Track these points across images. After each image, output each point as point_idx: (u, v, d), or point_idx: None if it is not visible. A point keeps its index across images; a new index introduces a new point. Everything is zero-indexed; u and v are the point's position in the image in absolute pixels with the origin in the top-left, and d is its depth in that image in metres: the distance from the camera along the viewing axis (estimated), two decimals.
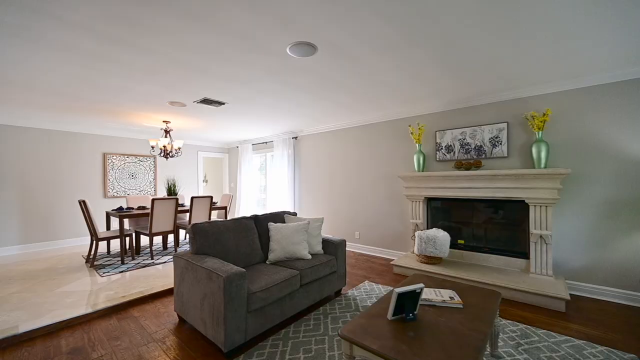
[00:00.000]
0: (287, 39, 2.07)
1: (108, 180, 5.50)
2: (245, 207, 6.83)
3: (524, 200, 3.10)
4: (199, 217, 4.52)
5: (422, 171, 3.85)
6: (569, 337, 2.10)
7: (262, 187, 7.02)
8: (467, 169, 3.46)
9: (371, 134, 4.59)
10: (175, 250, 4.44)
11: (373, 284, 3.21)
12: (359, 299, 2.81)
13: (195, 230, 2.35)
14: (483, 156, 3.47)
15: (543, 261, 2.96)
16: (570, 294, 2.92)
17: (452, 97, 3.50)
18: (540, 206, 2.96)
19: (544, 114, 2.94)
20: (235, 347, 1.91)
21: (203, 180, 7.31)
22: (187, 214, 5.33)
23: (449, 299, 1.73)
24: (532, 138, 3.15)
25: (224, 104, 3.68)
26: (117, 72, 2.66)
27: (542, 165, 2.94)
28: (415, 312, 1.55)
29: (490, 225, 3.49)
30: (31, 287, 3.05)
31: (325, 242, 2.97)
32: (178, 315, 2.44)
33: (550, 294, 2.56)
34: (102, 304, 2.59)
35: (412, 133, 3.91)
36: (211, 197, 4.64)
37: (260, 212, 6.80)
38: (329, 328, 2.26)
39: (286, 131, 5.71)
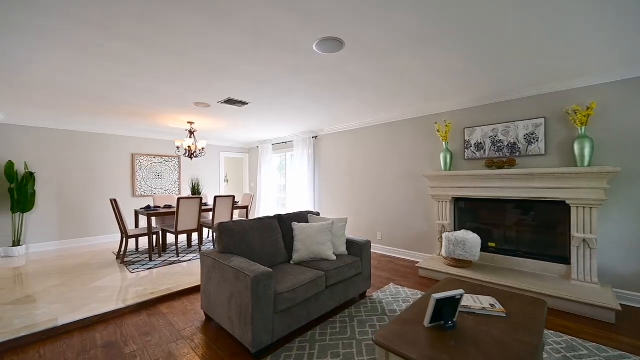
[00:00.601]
0: (314, 35, 2.02)
1: (136, 180, 5.72)
2: (265, 207, 6.88)
3: (564, 202, 2.88)
4: (222, 216, 4.59)
5: (450, 170, 3.69)
6: (623, 352, 1.90)
7: (282, 187, 7.05)
8: (500, 167, 3.27)
9: (394, 132, 4.46)
10: (199, 248, 4.53)
11: (399, 287, 3.10)
12: (385, 302, 2.72)
13: (222, 230, 2.36)
14: (517, 154, 3.26)
15: (586, 267, 2.73)
16: (620, 304, 2.67)
17: (482, 92, 3.32)
18: (584, 207, 2.73)
19: (588, 108, 2.70)
20: (262, 347, 1.88)
21: (224, 180, 7.45)
22: (210, 213, 5.43)
23: (490, 307, 1.61)
24: (574, 134, 2.91)
25: (247, 103, 3.71)
26: (143, 74, 2.73)
27: (586, 164, 2.71)
28: (454, 320, 1.45)
29: (524, 227, 3.27)
30: (68, 281, 3.20)
31: (350, 243, 2.91)
32: (205, 313, 2.47)
33: (598, 304, 2.35)
34: (133, 300, 2.67)
35: (438, 131, 3.76)
36: (233, 197, 4.70)
37: (279, 212, 6.83)
38: (356, 332, 2.19)
39: (306, 131, 5.69)
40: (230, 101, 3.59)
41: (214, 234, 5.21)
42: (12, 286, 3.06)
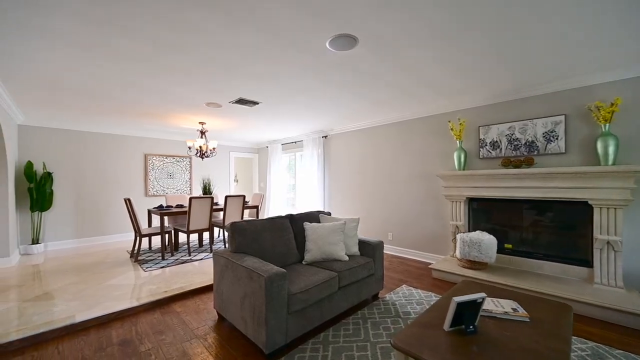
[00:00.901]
0: (328, 32, 1.99)
1: (149, 180, 5.81)
2: (274, 207, 6.89)
3: (586, 202, 2.77)
4: (233, 215, 4.61)
5: (464, 169, 3.60)
6: None
7: (291, 187, 7.05)
8: (517, 166, 3.17)
9: (406, 131, 4.39)
10: (211, 248, 4.56)
11: (412, 288, 3.05)
12: (399, 304, 2.67)
13: (234, 229, 2.36)
14: (535, 153, 3.16)
15: (610, 270, 2.62)
16: None
17: (499, 89, 3.22)
18: (608, 208, 2.62)
19: (612, 104, 2.59)
20: (276, 348, 1.87)
21: (234, 180, 7.50)
22: (221, 213, 5.47)
23: (512, 311, 1.55)
24: (597, 131, 2.79)
25: (258, 103, 3.71)
26: (155, 74, 2.75)
27: (610, 162, 2.59)
28: (475, 324, 1.40)
29: (542, 228, 3.16)
30: (84, 279, 3.27)
31: (362, 243, 2.87)
32: (217, 313, 2.47)
33: (625, 309, 2.24)
34: (146, 298, 2.69)
35: (451, 129, 3.67)
36: (244, 197, 4.71)
37: (289, 212, 6.83)
38: (370, 334, 2.15)
39: (316, 130, 5.67)
40: (241, 101, 3.60)
41: (227, 233, 5.25)
42: (31, 283, 3.14)
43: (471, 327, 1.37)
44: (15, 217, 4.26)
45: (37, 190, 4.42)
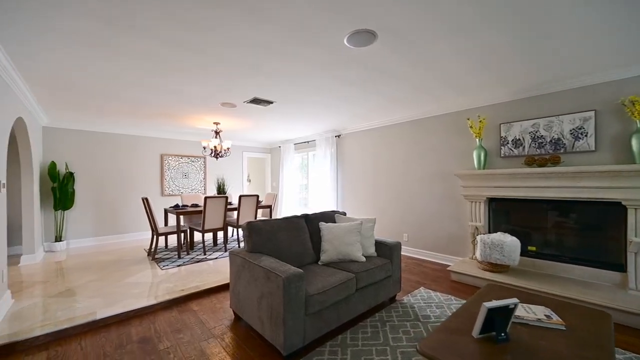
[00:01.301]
0: (346, 28, 1.95)
1: (165, 180, 5.92)
2: (287, 206, 6.89)
3: (619, 202, 2.60)
4: (246, 215, 4.62)
5: (484, 169, 3.47)
6: None
7: (304, 187, 7.03)
8: (541, 165, 3.02)
9: (422, 130, 4.28)
10: (225, 247, 4.60)
11: (430, 291, 2.96)
12: (417, 307, 2.59)
13: (251, 228, 2.34)
14: (562, 150, 3.00)
15: None
16: None
17: (522, 85, 3.08)
18: None
19: None
20: (294, 350, 1.83)
21: (247, 180, 7.56)
22: (235, 212, 5.50)
23: (545, 318, 1.46)
24: (631, 127, 2.62)
25: (272, 102, 3.70)
26: (171, 74, 2.78)
27: None
28: (507, 331, 1.32)
29: (569, 230, 3.01)
30: (104, 276, 3.34)
31: (379, 244, 2.80)
32: (234, 312, 2.46)
33: None
34: (164, 296, 2.72)
35: (471, 127, 3.54)
36: (257, 196, 4.72)
37: (301, 212, 6.82)
38: (389, 338, 2.09)
39: (329, 129, 5.62)
40: (255, 100, 3.60)
41: (243, 233, 5.28)
42: (55, 279, 3.24)
43: (503, 334, 1.30)
44: (40, 215, 4.42)
45: (60, 190, 4.57)
